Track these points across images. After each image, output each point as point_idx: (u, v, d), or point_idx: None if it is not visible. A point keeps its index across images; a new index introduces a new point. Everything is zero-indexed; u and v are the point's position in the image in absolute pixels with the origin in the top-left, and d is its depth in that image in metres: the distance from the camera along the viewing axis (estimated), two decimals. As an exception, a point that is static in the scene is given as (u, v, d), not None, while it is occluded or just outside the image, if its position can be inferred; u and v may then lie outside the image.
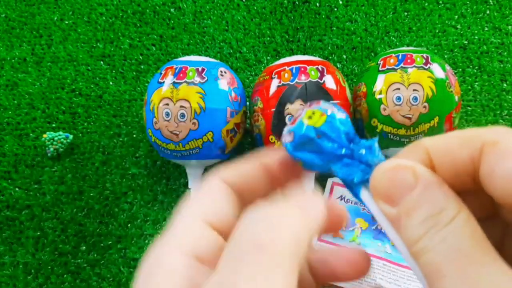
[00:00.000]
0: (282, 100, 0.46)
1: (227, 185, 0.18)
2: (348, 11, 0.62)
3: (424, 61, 0.46)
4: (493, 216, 0.18)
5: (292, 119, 0.20)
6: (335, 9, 0.62)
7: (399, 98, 0.45)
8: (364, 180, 0.18)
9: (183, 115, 0.46)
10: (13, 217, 0.53)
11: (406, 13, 0.61)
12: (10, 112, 0.58)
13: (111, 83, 0.59)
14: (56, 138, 0.54)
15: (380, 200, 0.17)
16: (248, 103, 0.53)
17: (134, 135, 0.56)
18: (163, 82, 0.47)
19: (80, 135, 0.57)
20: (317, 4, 0.62)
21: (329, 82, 0.47)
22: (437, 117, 0.45)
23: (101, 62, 0.60)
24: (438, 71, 0.46)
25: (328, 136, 0.18)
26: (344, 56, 0.60)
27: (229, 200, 0.18)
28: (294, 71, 0.47)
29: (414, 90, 0.45)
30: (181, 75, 0.47)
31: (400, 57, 0.47)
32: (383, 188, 0.17)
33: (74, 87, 0.59)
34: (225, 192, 0.18)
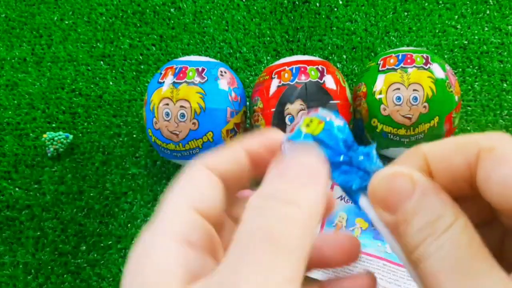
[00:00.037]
0: (282, 100, 0.46)
1: (211, 172, 0.18)
2: (348, 11, 0.62)
3: (424, 61, 0.46)
4: (492, 221, 0.18)
5: (290, 127, 0.20)
6: (335, 9, 0.62)
7: (399, 98, 0.45)
8: (362, 187, 0.18)
9: (183, 115, 0.46)
10: (13, 217, 0.53)
11: (406, 13, 0.61)
12: (10, 112, 0.58)
13: (111, 83, 0.59)
14: (56, 138, 0.54)
15: (378, 207, 0.17)
16: (248, 103, 0.53)
17: (134, 135, 0.56)
18: (163, 82, 0.47)
19: (80, 135, 0.57)
20: (317, 4, 0.62)
21: (329, 82, 0.47)
22: (437, 117, 0.45)
23: (101, 62, 0.60)
24: (438, 71, 0.46)
25: (326, 144, 0.18)
26: (344, 56, 0.60)
27: (214, 186, 0.18)
28: (294, 71, 0.47)
29: (414, 90, 0.45)
30: (181, 75, 0.47)
31: (400, 57, 0.47)
32: (381, 195, 0.17)
33: (74, 87, 0.59)
34: (209, 178, 0.18)
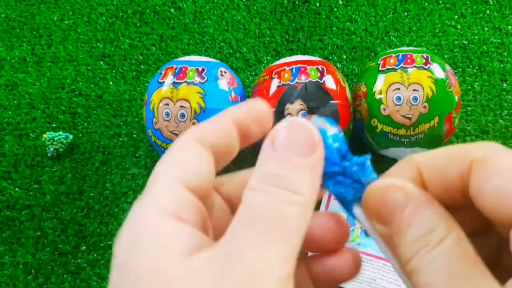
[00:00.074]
0: (282, 100, 0.46)
1: (200, 144, 0.18)
2: (348, 11, 0.62)
3: (424, 61, 0.46)
4: (488, 228, 0.18)
5: None
6: (335, 9, 0.62)
7: (399, 98, 0.45)
8: (356, 197, 0.18)
9: (183, 115, 0.46)
10: (13, 217, 0.53)
11: (406, 13, 0.61)
12: (10, 112, 0.58)
13: (111, 83, 0.59)
14: (56, 138, 0.54)
15: (372, 219, 0.17)
16: (248, 103, 0.53)
17: (134, 135, 0.56)
18: (163, 82, 0.47)
19: (80, 135, 0.57)
20: (317, 4, 0.62)
21: (329, 82, 0.47)
22: (437, 117, 0.45)
23: (101, 62, 0.60)
24: (438, 71, 0.46)
25: None
26: (344, 56, 0.60)
27: (203, 160, 0.18)
28: (294, 71, 0.47)
29: (414, 90, 0.45)
30: (181, 75, 0.47)
31: (400, 57, 0.47)
32: (375, 207, 0.17)
33: (74, 87, 0.59)
34: (199, 151, 0.18)
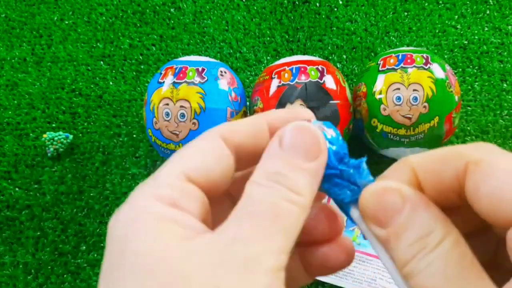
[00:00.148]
0: (282, 100, 0.46)
1: (224, 142, 0.18)
2: (348, 11, 0.62)
3: (424, 61, 0.46)
4: (486, 228, 0.18)
5: None
6: (335, 9, 0.62)
7: (399, 98, 0.45)
8: (353, 200, 0.18)
9: (183, 115, 0.46)
10: (13, 217, 0.53)
11: (406, 13, 0.61)
12: (10, 112, 0.58)
13: (111, 83, 0.59)
14: (56, 138, 0.54)
15: (369, 221, 0.17)
16: (248, 103, 0.53)
17: (134, 135, 0.56)
18: (163, 82, 0.47)
19: (80, 135, 0.57)
20: (317, 4, 0.62)
21: (329, 82, 0.47)
22: (437, 117, 0.45)
23: (101, 62, 0.60)
24: (438, 71, 0.46)
25: None
26: (344, 56, 0.60)
27: (219, 157, 0.18)
28: (294, 71, 0.47)
29: (414, 90, 0.45)
30: (181, 75, 0.47)
31: (400, 57, 0.47)
32: (371, 210, 0.17)
33: (74, 87, 0.59)
34: (217, 148, 0.18)
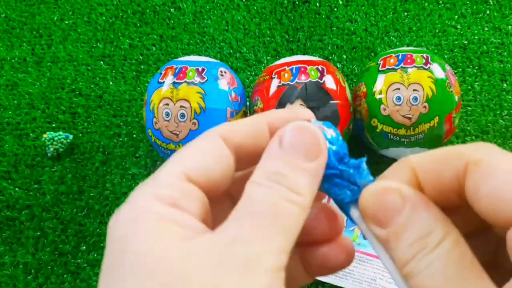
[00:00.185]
0: (282, 100, 0.46)
1: (224, 142, 0.18)
2: (348, 11, 0.62)
3: (424, 61, 0.46)
4: (486, 229, 0.18)
5: None
6: (335, 9, 0.62)
7: (399, 98, 0.45)
8: (353, 200, 0.18)
9: (183, 115, 0.46)
10: (13, 217, 0.53)
11: (406, 13, 0.61)
12: (10, 112, 0.58)
13: (111, 83, 0.59)
14: (56, 138, 0.54)
15: (369, 222, 0.17)
16: (248, 103, 0.53)
17: (134, 135, 0.56)
18: (163, 82, 0.47)
19: (80, 135, 0.57)
20: (317, 4, 0.62)
21: (329, 82, 0.47)
22: (437, 117, 0.45)
23: (101, 62, 0.60)
24: (438, 71, 0.46)
25: None
26: (344, 56, 0.60)
27: (219, 157, 0.18)
28: (294, 71, 0.47)
29: (414, 90, 0.45)
30: (181, 75, 0.47)
31: (400, 57, 0.47)
32: (371, 210, 0.17)
33: (74, 87, 0.59)
34: (217, 148, 0.18)
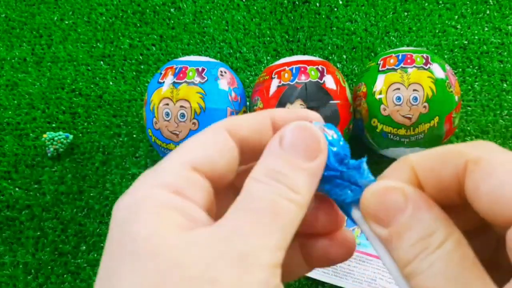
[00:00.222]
0: (282, 100, 0.46)
1: (229, 134, 0.18)
2: (348, 11, 0.62)
3: (424, 61, 0.46)
4: (486, 228, 0.18)
5: None
6: (335, 9, 0.62)
7: (399, 98, 0.45)
8: (354, 200, 0.18)
9: (183, 115, 0.46)
10: (13, 217, 0.53)
11: (406, 13, 0.61)
12: (10, 112, 0.58)
13: (111, 83, 0.59)
14: (56, 138, 0.54)
15: (371, 221, 0.17)
16: (248, 103, 0.53)
17: (134, 135, 0.56)
18: (163, 82, 0.47)
19: (80, 135, 0.57)
20: (317, 4, 0.62)
21: (329, 82, 0.47)
22: (437, 117, 0.45)
23: (101, 62, 0.60)
24: (438, 71, 0.46)
25: None
26: (344, 56, 0.60)
27: (224, 149, 0.18)
28: (294, 71, 0.47)
29: (414, 90, 0.45)
30: (181, 75, 0.47)
31: (400, 57, 0.47)
32: (373, 209, 0.17)
33: (74, 87, 0.59)
34: (222, 139, 0.18)
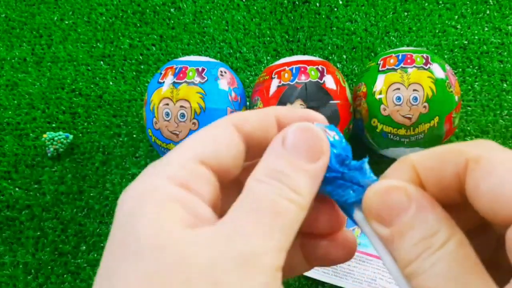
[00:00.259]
0: (282, 100, 0.46)
1: (236, 130, 0.18)
2: (348, 11, 0.62)
3: (424, 61, 0.46)
4: (487, 227, 0.18)
5: None
6: (335, 9, 0.62)
7: (399, 98, 0.45)
8: (356, 200, 0.18)
9: (183, 115, 0.46)
10: (13, 217, 0.53)
11: (406, 13, 0.61)
12: (10, 112, 0.58)
13: (111, 83, 0.59)
14: (56, 138, 0.54)
15: (373, 220, 0.17)
16: (248, 103, 0.53)
17: (134, 135, 0.56)
18: (163, 82, 0.47)
19: (80, 135, 0.57)
20: (317, 4, 0.62)
21: (329, 82, 0.47)
22: (437, 117, 0.45)
23: (101, 62, 0.60)
24: (438, 71, 0.46)
25: None
26: (344, 56, 0.60)
27: (231, 144, 0.18)
28: (294, 71, 0.47)
29: (414, 90, 0.45)
30: (181, 75, 0.47)
31: (400, 57, 0.47)
32: (375, 209, 0.17)
33: (74, 87, 0.59)
34: (229, 135, 0.18)
